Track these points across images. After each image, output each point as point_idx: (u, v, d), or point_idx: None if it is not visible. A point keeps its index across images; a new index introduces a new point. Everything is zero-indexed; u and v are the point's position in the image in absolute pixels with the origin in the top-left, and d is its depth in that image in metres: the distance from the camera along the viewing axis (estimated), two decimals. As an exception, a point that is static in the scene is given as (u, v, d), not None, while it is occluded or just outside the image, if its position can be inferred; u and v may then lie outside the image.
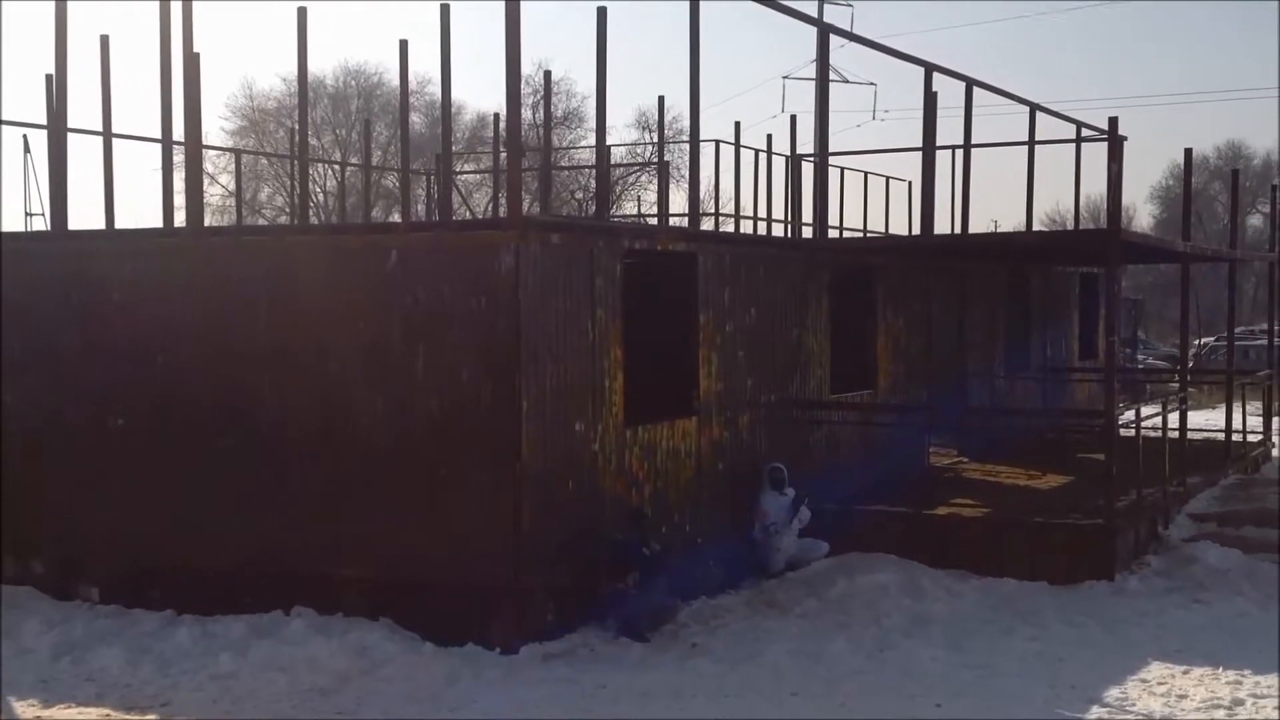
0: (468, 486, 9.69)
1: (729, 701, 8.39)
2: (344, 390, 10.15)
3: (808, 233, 17.95)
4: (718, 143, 19.94)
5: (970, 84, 15.77)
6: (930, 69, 14.49)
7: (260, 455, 10.41)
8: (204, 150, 12.35)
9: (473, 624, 9.53)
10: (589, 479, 10.25)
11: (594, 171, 20.78)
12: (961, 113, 15.89)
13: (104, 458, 10.96)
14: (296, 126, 13.55)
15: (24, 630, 9.90)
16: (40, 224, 29.82)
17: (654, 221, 22.51)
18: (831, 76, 15.28)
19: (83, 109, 12.57)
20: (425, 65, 40.14)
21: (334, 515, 10.12)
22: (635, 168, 42.37)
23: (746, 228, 21.06)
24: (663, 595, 10.22)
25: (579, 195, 42.08)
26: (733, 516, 12.03)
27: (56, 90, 11.90)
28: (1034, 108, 18.12)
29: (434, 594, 9.71)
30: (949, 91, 15.21)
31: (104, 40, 14.12)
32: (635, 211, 40.58)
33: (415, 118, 45.92)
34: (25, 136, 24.81)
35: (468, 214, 36.11)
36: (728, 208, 25.11)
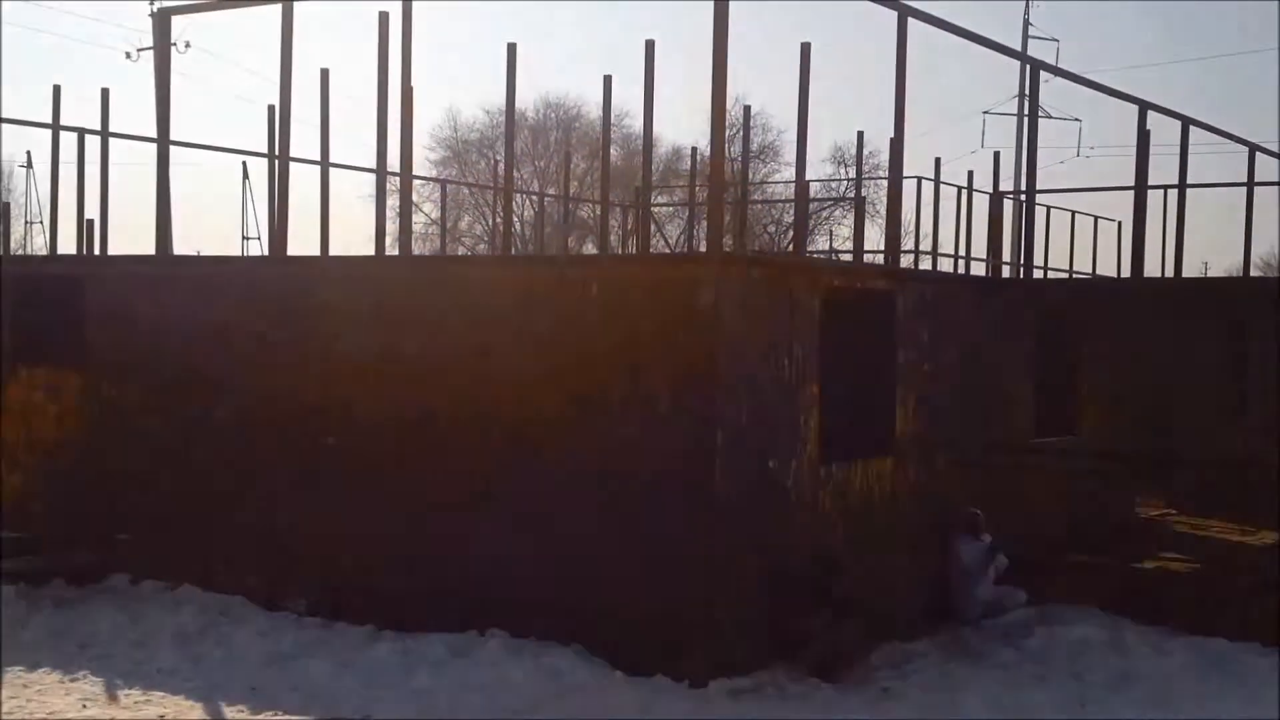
0: (662, 518, 9.74)
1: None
2: (542, 418, 10.32)
3: (1007, 271, 17.58)
4: (919, 179, 19.72)
5: (1186, 122, 15.27)
6: (1145, 106, 14.09)
7: (458, 479, 10.66)
8: (413, 180, 12.76)
9: (663, 655, 9.56)
10: (781, 515, 10.20)
11: (789, 206, 20.77)
12: (1169, 150, 15.38)
13: (315, 475, 11.37)
14: (499, 158, 13.89)
15: (235, 638, 10.33)
16: (255, 247, 31.21)
17: (848, 257, 22.33)
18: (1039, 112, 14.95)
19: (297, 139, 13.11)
20: (622, 97, 40.74)
21: (529, 541, 10.28)
22: (829, 202, 42.16)
23: (945, 265, 20.74)
24: (854, 636, 10.10)
25: (771, 229, 42.05)
26: (927, 560, 11.82)
27: (280, 121, 12.45)
28: (1253, 148, 17.44)
29: (625, 623, 9.78)
30: (1159, 130, 14.75)
31: (324, 73, 14.78)
32: (827, 246, 40.31)
33: (613, 150, 46.56)
34: (244, 163, 25.85)
35: (663, 246, 36.40)
36: (925, 244, 24.75)
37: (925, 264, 24.95)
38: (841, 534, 10.81)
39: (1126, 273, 15.00)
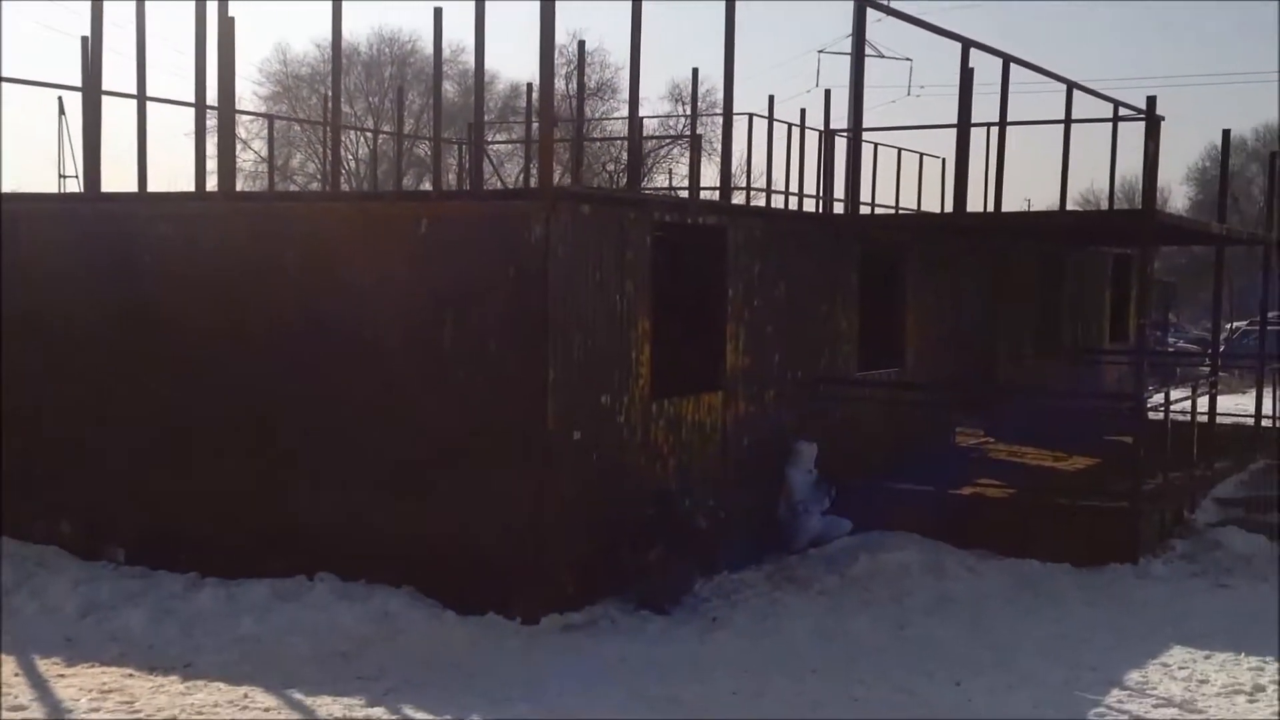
0: (493, 457, 9.71)
1: (749, 676, 8.39)
2: (374, 359, 10.17)
3: (839, 209, 17.86)
4: (751, 116, 19.80)
5: (1007, 60, 15.58)
6: (967, 44, 14.32)
7: (289, 422, 10.46)
8: (237, 115, 12.34)
9: (494, 593, 9.58)
10: (614, 452, 10.26)
11: (626, 143, 20.72)
12: (997, 90, 15.71)
13: (135, 421, 11.03)
14: (329, 92, 13.54)
15: (50, 589, 10.00)
16: (73, 185, 29.96)
17: (685, 195, 22.43)
18: (867, 51, 15.11)
19: (117, 72, 12.59)
20: (459, 33, 40.05)
21: (355, 484, 10.16)
22: (667, 140, 42.26)
23: (778, 203, 20.95)
24: (685, 569, 10.24)
25: (610, 167, 42.02)
26: (756, 492, 12.03)
27: (92, 53, 11.92)
28: (1071, 85, 17.91)
29: (456, 563, 9.76)
30: (985, 68, 15.05)
31: (140, 2, 14.16)
32: (666, 184, 40.46)
33: (448, 86, 45.92)
34: (60, 99, 24.84)
35: (499, 184, 36.09)
36: (759, 182, 24.97)
37: (759, 201, 25.22)
38: (673, 468, 10.93)
39: (950, 209, 15.33)
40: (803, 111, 20.61)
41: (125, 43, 13.47)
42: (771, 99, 19.65)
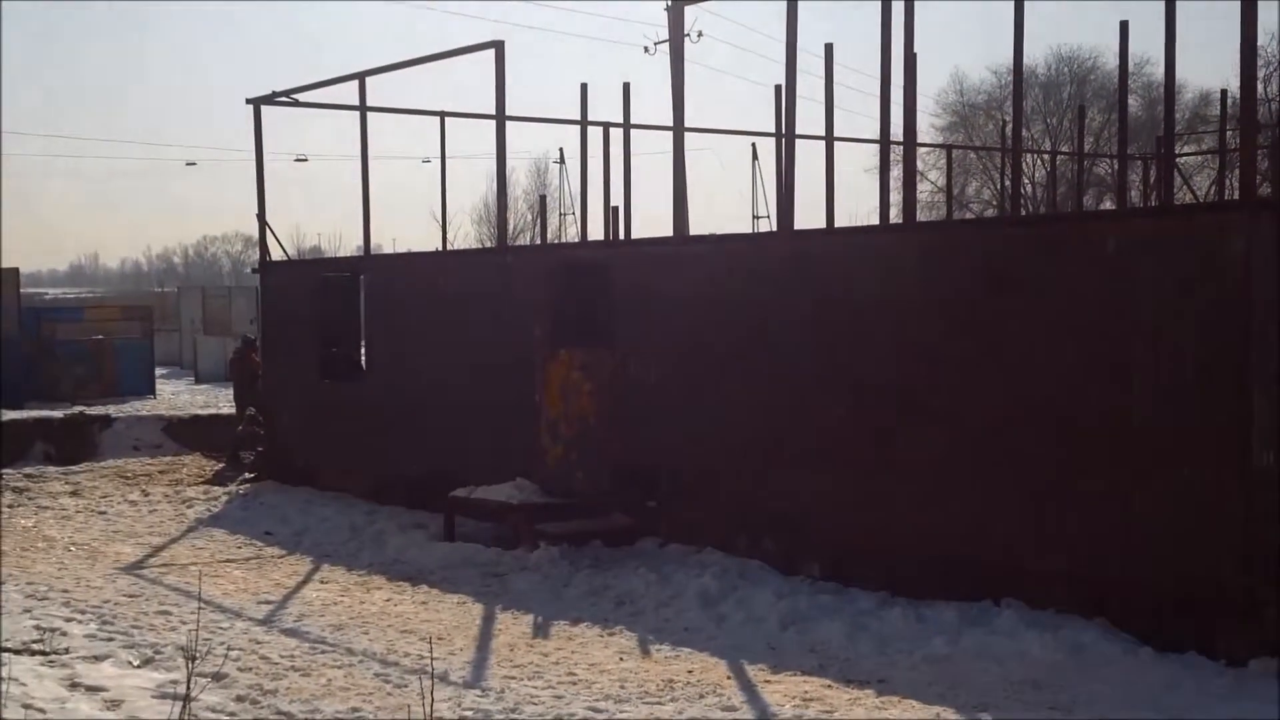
0: (1190, 485, 9.15)
1: None
2: (1058, 382, 9.97)
3: None
4: None
5: None
6: None
7: (964, 444, 10.51)
8: (917, 148, 12.67)
9: (1194, 631, 9.01)
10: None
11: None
12: None
13: (824, 444, 11.59)
14: (1008, 118, 13.51)
15: (755, 600, 10.76)
16: (765, 226, 32.14)
17: None
18: None
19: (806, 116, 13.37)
20: (1144, 45, 38.36)
21: (1043, 509, 9.98)
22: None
23: None
24: None
25: (1319, 173, 38.16)
26: None
27: (786, 100, 12.74)
28: None
29: (1152, 597, 9.29)
30: None
31: (828, 49, 14.99)
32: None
33: (1132, 100, 44.02)
34: (754, 145, 26.76)
35: (1189, 198, 34.05)
36: None
37: None
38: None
39: None
40: None
41: (815, 89, 14.35)
42: None
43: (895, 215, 13.71)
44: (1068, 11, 73.97)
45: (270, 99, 18.61)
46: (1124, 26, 15.91)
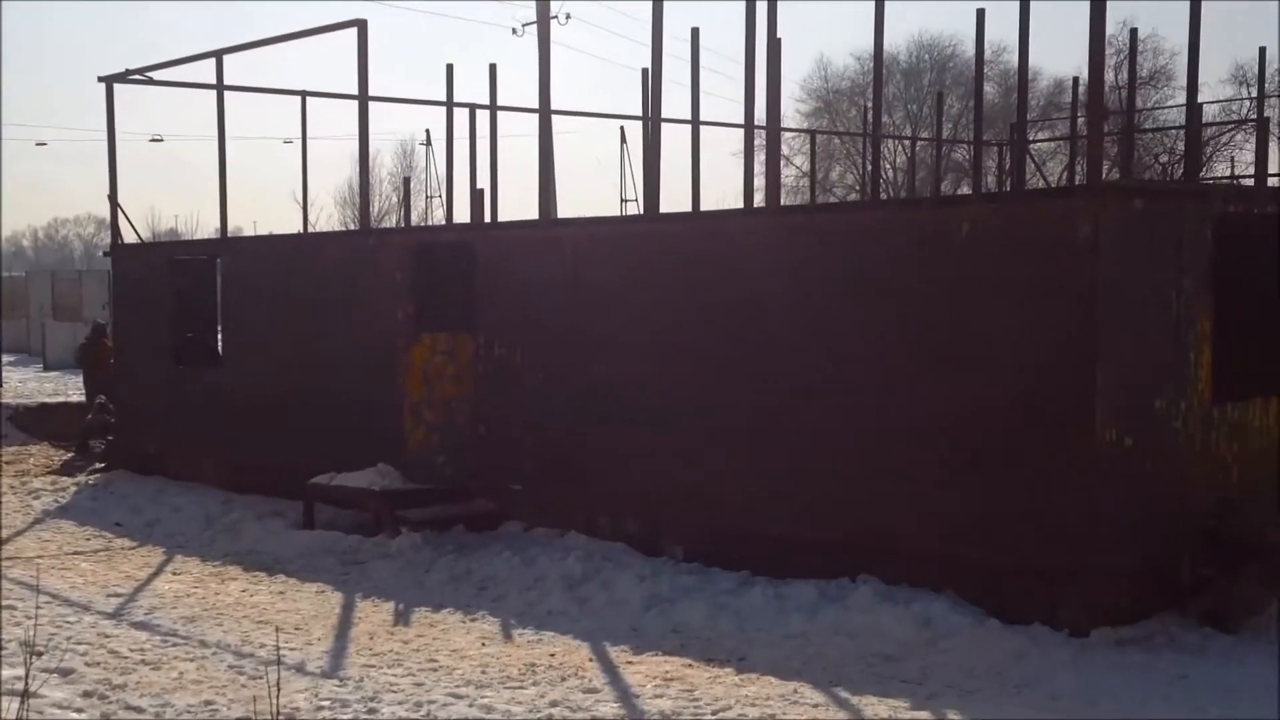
0: (1037, 464, 9.42)
1: (1329, 707, 7.60)
2: (911, 362, 10.17)
3: None
4: (1327, 93, 18.02)
5: None
6: None
7: (826, 427, 10.67)
8: (781, 133, 12.79)
9: (1040, 603, 9.28)
10: (1169, 459, 9.64)
11: (1180, 133, 19.44)
12: None
13: (688, 426, 11.66)
14: (869, 104, 13.73)
15: (618, 583, 10.80)
16: (633, 208, 32.14)
17: (1249, 183, 20.70)
18: None
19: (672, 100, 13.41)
20: (1001, 33, 39.29)
21: (897, 489, 10.19)
22: (1229, 126, 39.15)
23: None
24: (1254, 586, 9.43)
25: (1164, 159, 39.56)
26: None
27: (653, 84, 12.75)
28: None
29: (999, 571, 9.55)
30: None
31: (694, 32, 15.06)
32: (1228, 174, 37.49)
33: (989, 87, 45.07)
34: (622, 128, 26.77)
35: (1041, 184, 34.99)
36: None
37: (1340, 186, 22.80)
38: (1237, 477, 10.11)
39: None
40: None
41: (679, 72, 14.41)
42: (1352, 72, 17.74)
43: (760, 199, 13.81)
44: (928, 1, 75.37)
45: (123, 77, 18.04)
46: (980, 15, 16.27)
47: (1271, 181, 19.04)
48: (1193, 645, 8.95)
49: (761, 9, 11.67)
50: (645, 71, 14.84)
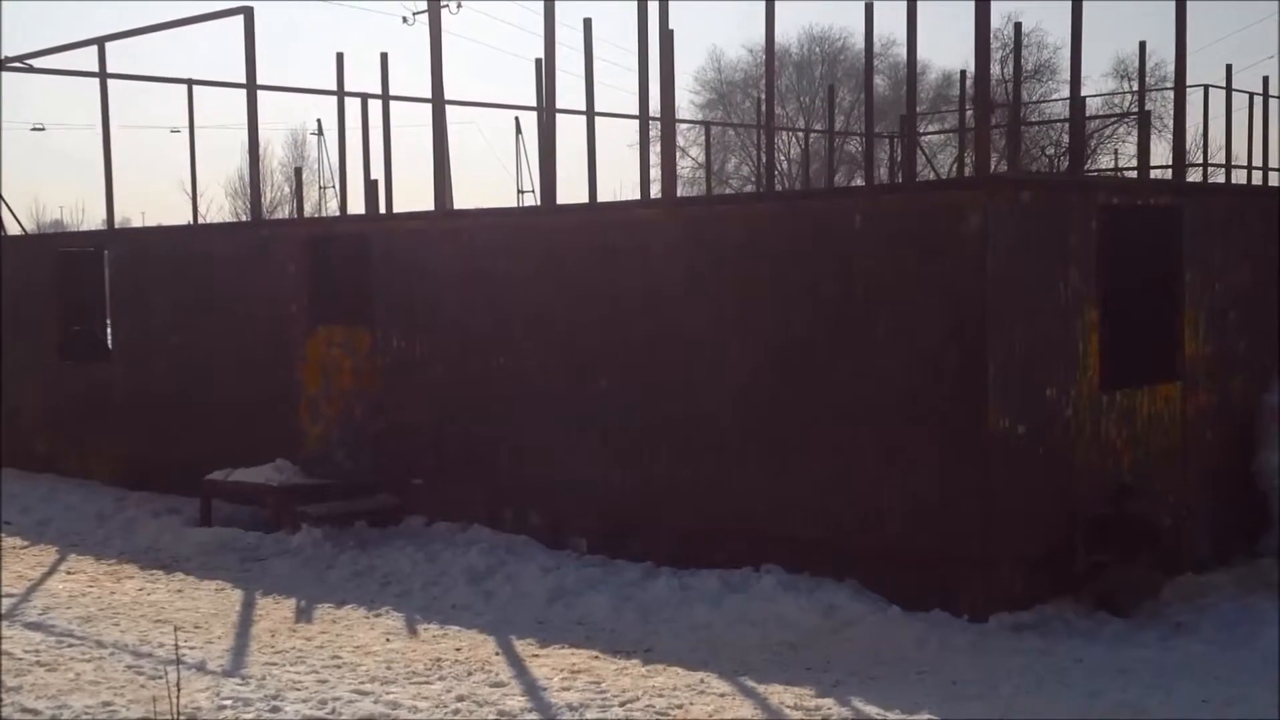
0: (932, 453, 9.61)
1: (1219, 685, 7.87)
2: (806, 354, 10.31)
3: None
4: (1206, 88, 18.62)
5: None
6: None
7: (725, 416, 10.76)
8: (676, 124, 12.87)
9: (939, 591, 9.47)
10: (1061, 446, 9.90)
11: (1066, 126, 19.92)
12: None
13: (589, 417, 11.69)
14: (763, 96, 13.86)
15: (523, 575, 10.79)
16: (530, 200, 32.08)
17: (1133, 175, 21.29)
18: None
19: (567, 91, 13.44)
20: (890, 26, 39.89)
21: (798, 479, 10.32)
22: (1112, 119, 40.18)
23: (1239, 178, 19.54)
24: (1145, 570, 9.73)
25: (1050, 151, 40.46)
26: (1222, 488, 11.25)
27: (546, 75, 12.75)
28: None
29: (899, 559, 9.73)
30: None
31: (587, 23, 15.04)
32: (1112, 166, 38.49)
33: (879, 80, 45.71)
34: (517, 119, 26.66)
35: (932, 175, 35.57)
36: (1217, 158, 23.34)
37: (1217, 178, 23.56)
38: (1128, 463, 10.41)
39: None
40: (1265, 80, 19.17)
41: (574, 63, 14.39)
42: (1229, 68, 18.38)
43: (656, 191, 13.87)
44: (820, -8, 76.14)
45: (2, 65, 17.53)
46: (869, 8, 16.47)
47: (1154, 173, 19.59)
48: (1087, 630, 9.21)
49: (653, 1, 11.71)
50: (539, 62, 14.81)
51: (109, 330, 17.58)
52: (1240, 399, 11.53)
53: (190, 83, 18.52)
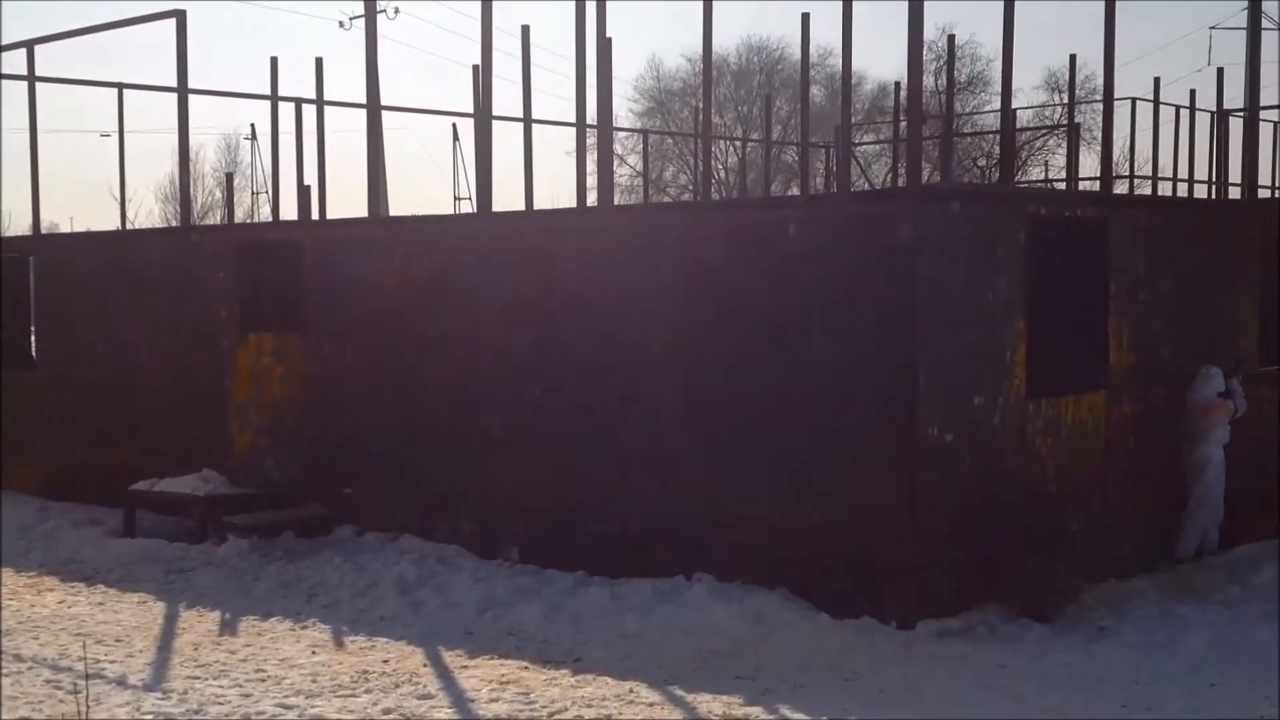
0: (863, 460, 9.66)
1: (1139, 689, 7.99)
2: (741, 360, 10.33)
3: (1234, 194, 16.71)
4: (1134, 100, 18.92)
5: None
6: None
7: (658, 425, 10.76)
8: (614, 132, 12.84)
9: (868, 597, 9.52)
10: (988, 454, 9.99)
11: (998, 137, 20.16)
12: None
13: (522, 425, 11.63)
14: (700, 104, 13.89)
15: (453, 586, 10.71)
16: (466, 207, 31.91)
17: (1063, 186, 21.59)
18: (1265, 24, 14.09)
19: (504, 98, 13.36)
20: (827, 37, 40.18)
21: (728, 487, 10.33)
22: (1043, 131, 40.69)
23: (1165, 190, 19.85)
24: (1068, 576, 9.84)
25: (982, 163, 40.87)
26: (1144, 496, 11.40)
27: (483, 81, 12.68)
28: None
29: (828, 566, 9.76)
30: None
31: (524, 30, 14.98)
32: (1043, 177, 38.97)
33: (815, 90, 46.02)
34: (454, 125, 26.49)
35: (866, 185, 35.85)
36: (1145, 170, 23.70)
37: (1144, 190, 23.93)
38: (1053, 471, 10.52)
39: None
40: (1192, 93, 19.51)
41: (512, 69, 14.32)
42: (1157, 81, 18.70)
43: (594, 198, 13.84)
44: (758, 3, 76.55)
45: (-75, 67, 17.16)
46: (805, 19, 16.55)
47: (1083, 185, 19.86)
48: (1011, 635, 9.30)
49: (591, 8, 11.71)
50: (476, 68, 14.72)
51: (33, 338, 17.27)
52: (1164, 407, 11.69)
53: (120, 86, 18.23)
